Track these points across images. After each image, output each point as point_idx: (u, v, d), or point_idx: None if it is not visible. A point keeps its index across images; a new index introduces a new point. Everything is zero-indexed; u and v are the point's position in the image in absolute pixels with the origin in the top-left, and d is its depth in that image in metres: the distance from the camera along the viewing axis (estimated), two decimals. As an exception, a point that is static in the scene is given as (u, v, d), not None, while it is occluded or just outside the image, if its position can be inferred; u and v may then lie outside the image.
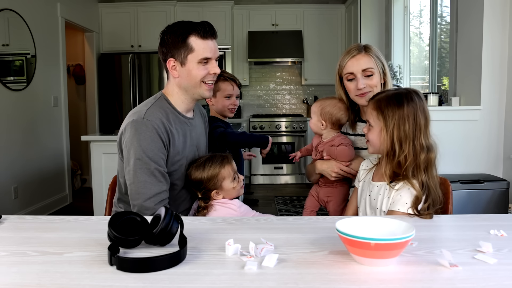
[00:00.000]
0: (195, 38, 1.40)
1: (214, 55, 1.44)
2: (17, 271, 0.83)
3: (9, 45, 3.74)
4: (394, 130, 1.25)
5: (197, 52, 1.41)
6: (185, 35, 1.40)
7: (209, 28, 1.43)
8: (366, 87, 1.51)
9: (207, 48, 1.41)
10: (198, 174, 1.42)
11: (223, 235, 1.04)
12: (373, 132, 1.31)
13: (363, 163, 1.46)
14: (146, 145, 1.35)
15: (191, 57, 1.41)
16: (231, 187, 1.44)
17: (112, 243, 0.88)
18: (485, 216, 1.25)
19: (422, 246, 0.95)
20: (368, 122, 1.33)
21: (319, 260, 0.87)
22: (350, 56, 1.53)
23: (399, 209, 1.25)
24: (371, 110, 1.32)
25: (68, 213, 4.26)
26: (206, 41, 1.41)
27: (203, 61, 1.42)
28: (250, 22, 5.71)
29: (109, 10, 5.54)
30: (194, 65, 1.42)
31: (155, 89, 5.38)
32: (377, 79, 1.52)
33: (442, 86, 3.99)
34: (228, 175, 1.43)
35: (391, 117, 1.26)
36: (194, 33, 1.40)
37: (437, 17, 4.02)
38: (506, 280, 0.78)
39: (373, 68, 1.51)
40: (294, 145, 5.42)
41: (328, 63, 5.72)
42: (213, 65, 1.44)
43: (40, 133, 4.15)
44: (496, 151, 3.01)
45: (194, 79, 1.44)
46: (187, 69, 1.43)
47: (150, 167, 1.35)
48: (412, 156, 1.25)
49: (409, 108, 1.27)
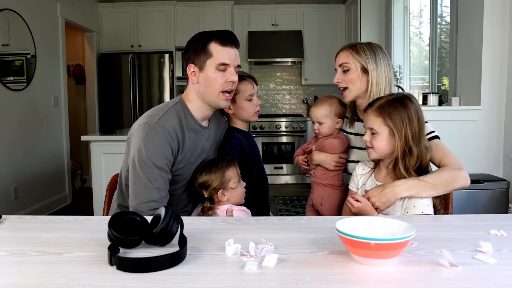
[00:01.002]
0: (215, 45, 1.41)
1: (232, 63, 1.43)
2: (17, 271, 0.83)
3: (9, 45, 3.74)
4: (407, 131, 1.29)
5: (215, 57, 1.41)
6: (206, 41, 1.42)
7: (230, 36, 1.44)
8: (341, 82, 1.53)
9: (226, 54, 1.42)
10: (205, 174, 1.43)
11: (223, 235, 1.04)
12: (379, 138, 1.32)
13: (358, 167, 1.46)
14: (153, 149, 1.35)
15: (209, 63, 1.42)
16: (235, 189, 1.45)
17: (112, 243, 0.88)
18: (485, 216, 1.25)
19: (422, 246, 0.95)
20: (371, 130, 1.33)
21: (319, 260, 0.87)
22: (336, 53, 1.59)
23: (423, 212, 1.29)
24: (374, 118, 1.32)
25: (68, 213, 4.26)
26: (226, 48, 1.42)
27: (220, 66, 1.41)
28: (250, 22, 5.71)
29: (109, 10, 5.54)
30: (212, 70, 1.42)
31: (155, 89, 5.39)
32: (353, 75, 1.50)
33: (442, 86, 3.99)
34: (234, 176, 1.44)
35: (400, 119, 1.29)
36: (214, 39, 1.42)
37: (437, 17, 4.02)
38: (506, 280, 0.78)
39: (349, 63, 1.50)
40: (294, 145, 5.42)
41: (328, 63, 5.72)
42: (231, 73, 1.43)
43: (40, 133, 4.15)
44: (496, 151, 3.02)
45: (211, 86, 1.43)
46: (205, 75, 1.43)
47: (154, 172, 1.35)
48: (423, 155, 1.31)
49: (413, 107, 1.32)
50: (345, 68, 1.52)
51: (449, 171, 1.33)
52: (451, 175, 1.32)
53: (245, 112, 1.62)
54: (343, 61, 1.52)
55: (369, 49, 1.51)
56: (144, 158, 1.35)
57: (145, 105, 5.35)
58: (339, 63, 1.54)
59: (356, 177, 1.46)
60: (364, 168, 1.44)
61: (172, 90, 5.40)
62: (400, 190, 1.29)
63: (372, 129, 1.33)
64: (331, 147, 1.55)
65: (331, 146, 1.55)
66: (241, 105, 1.60)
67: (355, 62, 1.50)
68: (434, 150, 1.39)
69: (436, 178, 1.30)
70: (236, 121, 1.66)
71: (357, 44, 1.53)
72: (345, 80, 1.52)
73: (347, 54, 1.52)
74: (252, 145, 1.67)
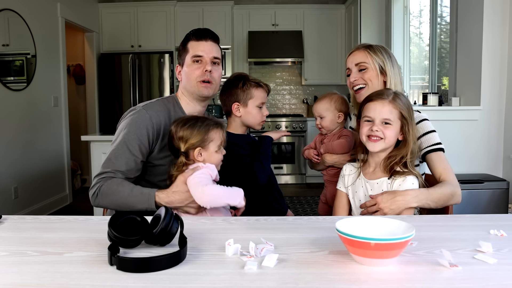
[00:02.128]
0: (191, 41, 1.54)
1: (207, 54, 1.52)
2: (17, 271, 0.83)
3: (9, 45, 3.74)
4: (413, 125, 1.36)
5: (190, 51, 1.53)
6: (186, 41, 1.55)
7: (204, 31, 1.54)
8: (358, 80, 1.53)
9: (199, 47, 1.52)
10: (188, 127, 1.36)
11: (223, 235, 1.04)
12: (392, 129, 1.33)
13: (346, 168, 1.47)
14: (129, 128, 1.45)
15: (187, 58, 1.53)
16: (214, 151, 1.38)
17: (112, 243, 0.88)
18: (485, 216, 1.25)
19: (422, 246, 0.95)
20: (387, 120, 1.33)
21: (319, 260, 0.87)
22: (349, 53, 1.59)
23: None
24: (391, 109, 1.33)
25: (68, 213, 4.26)
26: (200, 42, 1.53)
27: (194, 58, 1.51)
28: (250, 22, 5.71)
29: (109, 10, 5.54)
30: (189, 63, 1.53)
31: (155, 89, 5.39)
32: (371, 74, 1.52)
33: (442, 86, 4.00)
34: (217, 139, 1.38)
35: (411, 115, 1.36)
36: (191, 37, 1.54)
37: (437, 17, 4.02)
38: (506, 280, 0.78)
39: (367, 63, 1.52)
40: (294, 145, 5.42)
41: (328, 63, 5.73)
42: (205, 63, 1.51)
43: (40, 133, 4.15)
44: (496, 151, 3.02)
45: (189, 77, 1.53)
46: (185, 70, 1.55)
47: (121, 149, 1.43)
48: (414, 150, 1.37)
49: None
50: (362, 67, 1.52)
51: (449, 187, 1.36)
52: (451, 191, 1.35)
53: (253, 119, 1.61)
54: (361, 60, 1.53)
55: (384, 51, 1.54)
56: (119, 134, 1.47)
57: (145, 105, 5.34)
58: (355, 62, 1.54)
59: (344, 177, 1.47)
60: (351, 168, 1.46)
61: (172, 90, 5.41)
62: (412, 200, 1.29)
63: (388, 120, 1.33)
64: (340, 147, 1.57)
65: (340, 147, 1.57)
66: (251, 110, 1.60)
67: (373, 61, 1.51)
68: (437, 162, 1.42)
69: (440, 193, 1.33)
70: (237, 126, 1.63)
71: (373, 45, 1.55)
72: (363, 78, 1.52)
73: (364, 54, 1.53)
74: (247, 144, 1.63)
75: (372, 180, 1.38)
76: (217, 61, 1.55)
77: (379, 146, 1.34)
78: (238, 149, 1.58)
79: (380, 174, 1.37)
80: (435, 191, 1.33)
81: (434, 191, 1.33)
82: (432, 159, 1.43)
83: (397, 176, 1.34)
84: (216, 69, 1.54)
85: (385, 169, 1.36)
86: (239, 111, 1.60)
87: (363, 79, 1.53)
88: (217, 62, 1.55)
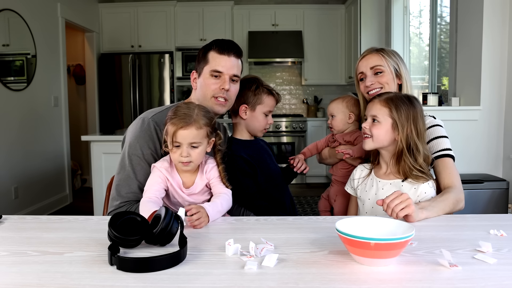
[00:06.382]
0: (213, 52, 1.46)
1: (227, 71, 1.44)
2: (18, 271, 0.83)
3: (9, 45, 3.74)
4: (412, 128, 1.31)
5: (211, 64, 1.45)
6: (207, 50, 1.47)
7: (229, 45, 1.47)
8: (374, 83, 1.51)
9: (221, 62, 1.44)
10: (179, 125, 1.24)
11: (223, 235, 1.04)
12: (380, 128, 1.33)
13: (357, 171, 1.46)
14: (142, 142, 1.39)
15: (206, 69, 1.46)
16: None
17: (112, 243, 0.89)
18: (485, 216, 1.25)
19: (422, 246, 0.95)
20: (374, 117, 1.33)
21: (319, 260, 0.87)
22: (361, 57, 1.56)
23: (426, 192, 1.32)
24: (380, 107, 1.33)
25: (68, 213, 4.26)
26: (222, 56, 1.45)
27: (214, 73, 1.44)
28: (250, 22, 5.71)
29: (109, 10, 5.54)
30: (206, 76, 1.46)
31: (155, 89, 5.39)
32: (388, 77, 1.50)
33: (442, 86, 4.00)
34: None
35: (406, 115, 1.31)
36: (213, 47, 1.46)
37: (437, 17, 4.02)
38: (506, 280, 0.78)
39: (382, 66, 1.50)
40: (294, 145, 5.42)
41: (328, 63, 5.73)
42: (224, 80, 1.44)
43: (40, 133, 4.15)
44: (496, 151, 3.01)
45: (205, 91, 1.46)
46: (201, 80, 1.48)
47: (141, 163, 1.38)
48: (428, 155, 1.34)
49: (419, 109, 1.34)
50: (378, 70, 1.50)
51: (457, 193, 1.32)
52: (457, 198, 1.32)
53: (257, 124, 1.60)
54: (376, 64, 1.50)
55: (396, 54, 1.53)
56: (132, 150, 1.39)
57: (145, 105, 5.35)
58: (370, 65, 1.51)
59: (354, 181, 1.46)
60: (363, 170, 1.45)
61: (172, 90, 5.41)
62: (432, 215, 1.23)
63: (376, 117, 1.33)
64: (361, 151, 1.56)
65: (360, 150, 1.55)
66: (257, 115, 1.59)
67: (388, 64, 1.50)
68: (446, 168, 1.39)
69: (449, 201, 1.28)
70: (242, 131, 1.63)
71: (384, 48, 1.54)
72: (380, 82, 1.51)
73: (379, 57, 1.51)
74: (255, 152, 1.61)
75: (385, 179, 1.37)
76: (236, 78, 1.49)
77: (368, 144, 1.35)
78: (244, 165, 1.55)
79: (392, 176, 1.36)
80: (446, 198, 1.29)
81: (445, 198, 1.28)
82: (438, 165, 1.40)
83: (412, 179, 1.32)
84: (234, 87, 1.49)
85: (398, 173, 1.35)
86: (245, 114, 1.59)
87: (379, 83, 1.50)
88: (236, 79, 1.49)
